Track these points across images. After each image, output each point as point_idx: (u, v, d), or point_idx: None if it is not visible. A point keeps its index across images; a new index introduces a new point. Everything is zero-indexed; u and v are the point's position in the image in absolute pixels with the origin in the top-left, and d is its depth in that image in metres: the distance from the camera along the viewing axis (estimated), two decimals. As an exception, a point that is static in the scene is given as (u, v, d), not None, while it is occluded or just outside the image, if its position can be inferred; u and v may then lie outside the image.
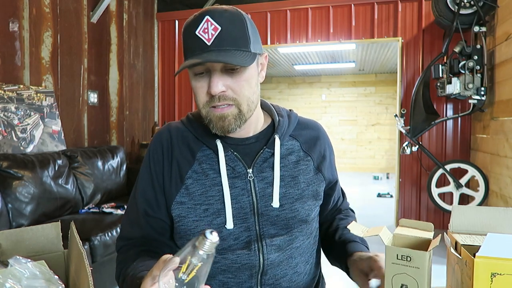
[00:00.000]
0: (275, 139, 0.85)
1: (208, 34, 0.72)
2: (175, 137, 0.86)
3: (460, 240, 0.62)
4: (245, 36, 0.75)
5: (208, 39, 0.72)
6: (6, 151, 2.59)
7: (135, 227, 0.85)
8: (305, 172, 0.87)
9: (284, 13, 4.28)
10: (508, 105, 2.83)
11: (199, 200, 0.80)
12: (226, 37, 0.73)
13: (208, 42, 0.72)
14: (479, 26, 3.18)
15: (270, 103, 0.94)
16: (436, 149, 3.87)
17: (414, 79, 3.87)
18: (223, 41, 0.72)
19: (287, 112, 0.93)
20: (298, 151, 0.88)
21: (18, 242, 0.69)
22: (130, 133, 4.24)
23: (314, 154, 0.90)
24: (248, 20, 0.77)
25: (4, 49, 2.71)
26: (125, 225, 0.88)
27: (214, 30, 0.72)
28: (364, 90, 8.67)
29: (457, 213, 0.68)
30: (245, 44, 0.75)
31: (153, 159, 0.85)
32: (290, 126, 0.89)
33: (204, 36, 0.72)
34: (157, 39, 4.72)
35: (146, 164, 0.87)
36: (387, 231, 0.62)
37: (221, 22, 0.72)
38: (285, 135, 0.87)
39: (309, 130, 0.93)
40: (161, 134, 0.88)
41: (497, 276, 0.52)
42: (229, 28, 0.73)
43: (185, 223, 0.81)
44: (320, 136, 0.93)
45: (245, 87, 0.77)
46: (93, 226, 2.45)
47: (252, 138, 0.86)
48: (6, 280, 0.42)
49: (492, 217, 0.67)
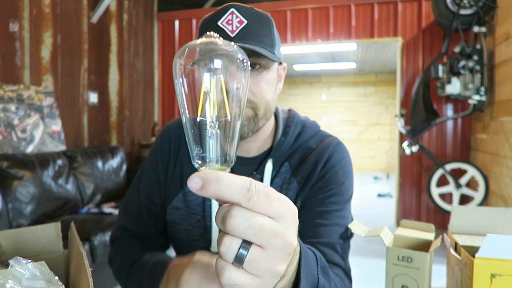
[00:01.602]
0: (266, 164, 0.75)
1: (232, 26, 0.65)
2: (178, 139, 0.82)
3: (460, 241, 0.62)
4: (272, 36, 0.69)
5: (231, 30, 0.65)
6: (6, 151, 2.59)
7: (137, 221, 0.82)
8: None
9: (284, 13, 4.28)
10: (508, 105, 2.83)
11: (195, 210, 0.77)
12: (252, 32, 0.66)
13: (232, 34, 0.65)
14: (479, 26, 3.19)
15: (286, 114, 0.83)
16: (436, 149, 3.87)
17: (414, 79, 3.87)
18: (248, 35, 0.65)
19: (300, 129, 0.81)
20: (286, 173, 0.77)
21: (18, 242, 0.69)
22: (130, 133, 4.24)
23: (299, 176, 0.75)
24: (274, 23, 0.72)
25: (4, 49, 2.71)
26: (124, 215, 0.84)
27: (239, 23, 0.65)
28: (364, 90, 8.67)
29: (456, 214, 0.68)
30: (271, 44, 0.69)
31: (160, 155, 0.81)
32: (291, 147, 0.78)
33: (227, 28, 0.65)
34: (157, 39, 4.72)
35: (152, 158, 0.83)
36: (388, 232, 0.62)
37: (247, 16, 0.66)
38: (282, 158, 0.77)
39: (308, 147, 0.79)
40: (170, 128, 0.83)
41: (496, 277, 0.52)
42: (256, 24, 0.66)
43: (177, 230, 0.79)
44: (322, 157, 0.76)
45: (265, 90, 0.69)
46: (93, 226, 2.45)
47: (251, 159, 0.78)
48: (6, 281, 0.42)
49: (492, 217, 0.67)
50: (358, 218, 1.01)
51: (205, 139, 0.34)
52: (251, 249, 0.31)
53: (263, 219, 0.31)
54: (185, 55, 0.33)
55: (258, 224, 0.31)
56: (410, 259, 0.55)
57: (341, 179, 0.75)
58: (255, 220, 0.31)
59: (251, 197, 0.31)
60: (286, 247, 0.33)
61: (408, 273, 0.56)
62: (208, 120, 0.34)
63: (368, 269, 2.85)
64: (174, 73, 0.34)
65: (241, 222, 0.30)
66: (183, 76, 0.34)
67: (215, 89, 0.34)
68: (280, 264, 0.33)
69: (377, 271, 2.77)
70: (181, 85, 0.34)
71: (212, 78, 0.33)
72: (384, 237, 0.59)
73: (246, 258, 0.31)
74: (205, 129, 0.34)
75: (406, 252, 0.56)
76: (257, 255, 0.31)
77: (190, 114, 0.35)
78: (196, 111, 0.34)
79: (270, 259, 0.32)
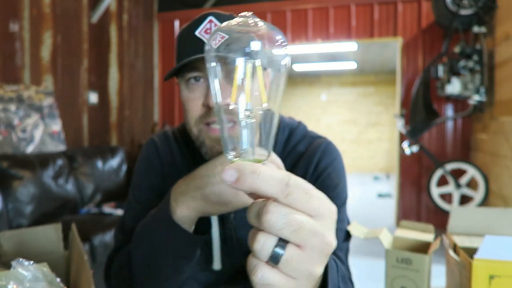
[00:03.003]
0: None
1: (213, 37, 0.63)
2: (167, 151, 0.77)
3: (459, 242, 0.62)
4: None
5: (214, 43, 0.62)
6: (6, 151, 2.59)
7: None
8: None
9: (284, 13, 4.28)
10: (508, 105, 2.83)
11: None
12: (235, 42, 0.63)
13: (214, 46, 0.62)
14: (479, 26, 3.19)
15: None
16: (436, 149, 3.88)
17: (414, 79, 3.87)
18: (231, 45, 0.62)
19: (287, 134, 0.77)
20: None
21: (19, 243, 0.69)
22: (130, 133, 4.24)
23: None
24: None
25: (4, 49, 2.71)
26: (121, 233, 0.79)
27: None
28: (364, 90, 8.67)
29: (455, 215, 0.68)
30: None
31: (152, 167, 0.78)
32: (280, 156, 0.74)
33: (205, 37, 0.62)
34: (157, 39, 4.72)
35: (142, 172, 0.79)
36: (387, 234, 0.62)
37: None
38: None
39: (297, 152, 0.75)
40: (155, 140, 0.80)
41: (495, 278, 0.52)
42: None
43: None
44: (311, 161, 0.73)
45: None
46: (93, 226, 2.45)
47: None
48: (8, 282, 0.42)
49: (490, 218, 0.67)
50: (358, 218, 1.01)
51: (239, 128, 0.31)
52: (288, 248, 0.29)
53: (301, 216, 0.29)
54: (218, 38, 0.31)
55: (296, 221, 0.29)
56: (409, 261, 0.56)
57: (335, 181, 0.73)
58: (294, 217, 0.29)
59: (290, 193, 0.29)
60: (325, 248, 0.30)
61: (408, 275, 0.56)
62: (243, 108, 0.31)
63: (367, 270, 2.85)
64: (206, 57, 0.32)
65: (279, 218, 0.28)
66: (216, 60, 0.31)
67: (251, 75, 0.31)
68: (317, 266, 0.31)
69: (376, 272, 2.77)
70: (213, 69, 0.32)
71: (247, 63, 0.30)
72: (383, 239, 0.59)
73: (283, 257, 0.29)
74: (239, 117, 0.31)
75: (405, 254, 0.56)
76: (294, 255, 0.29)
77: (223, 102, 0.32)
78: (230, 98, 0.31)
79: (307, 260, 0.30)
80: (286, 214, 0.29)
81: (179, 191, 0.60)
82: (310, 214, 0.30)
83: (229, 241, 0.73)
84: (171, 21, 4.67)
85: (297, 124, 0.80)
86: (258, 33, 0.30)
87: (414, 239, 0.63)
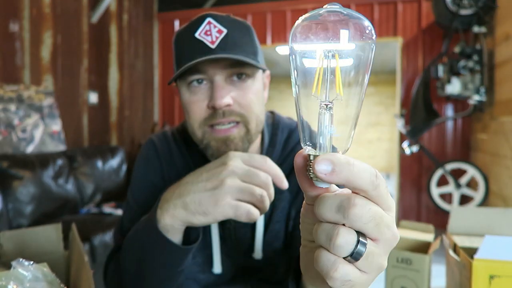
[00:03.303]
0: None
1: (211, 37, 0.62)
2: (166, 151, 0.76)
3: (459, 242, 0.62)
4: (253, 44, 0.67)
5: (211, 41, 0.61)
6: (6, 151, 2.59)
7: None
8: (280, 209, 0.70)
9: (284, 13, 4.28)
10: (508, 105, 2.83)
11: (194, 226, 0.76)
12: (233, 41, 0.62)
13: (212, 45, 0.61)
14: (479, 26, 3.19)
15: (270, 120, 0.78)
16: (436, 149, 3.88)
17: (414, 79, 3.87)
18: (229, 45, 0.62)
19: (287, 134, 0.76)
20: None
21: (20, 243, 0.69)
22: (130, 133, 4.24)
23: (291, 185, 0.64)
24: (253, 30, 0.69)
25: (4, 49, 2.71)
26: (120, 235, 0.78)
27: (218, 32, 0.62)
28: (364, 90, 8.68)
29: (455, 215, 0.69)
30: (254, 52, 0.66)
31: (152, 167, 0.76)
32: (280, 157, 0.73)
33: (206, 39, 0.62)
34: (157, 39, 4.72)
35: (142, 172, 0.77)
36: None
37: (226, 25, 0.63)
38: None
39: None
40: (154, 140, 0.79)
41: (495, 278, 0.52)
42: (235, 33, 0.63)
43: None
44: None
45: (254, 101, 0.65)
46: (93, 226, 2.45)
47: None
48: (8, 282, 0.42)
49: (490, 218, 0.67)
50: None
51: (318, 120, 0.30)
52: (368, 244, 0.29)
53: (381, 210, 0.29)
54: (304, 25, 0.30)
55: (379, 215, 0.29)
56: (409, 261, 0.56)
57: None
58: (377, 210, 0.29)
59: (378, 186, 0.29)
60: (394, 241, 0.30)
61: (408, 275, 0.56)
62: (324, 98, 0.29)
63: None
64: (289, 44, 0.30)
65: (365, 211, 0.28)
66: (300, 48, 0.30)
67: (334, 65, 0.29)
68: (386, 258, 0.31)
69: (377, 271, 2.77)
70: (295, 58, 0.30)
71: (331, 52, 0.29)
72: (383, 238, 0.59)
73: (364, 253, 0.29)
74: (320, 108, 0.30)
75: (405, 254, 0.56)
76: (373, 250, 0.29)
77: (304, 91, 0.31)
78: (311, 88, 0.30)
79: (381, 254, 0.30)
80: (371, 207, 0.29)
81: (165, 198, 0.58)
82: (384, 207, 0.30)
83: (228, 242, 0.73)
84: (171, 21, 4.67)
85: (296, 125, 0.79)
86: (342, 22, 0.29)
87: (414, 239, 0.63)
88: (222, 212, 0.52)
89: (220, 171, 0.54)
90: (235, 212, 0.52)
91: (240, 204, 0.52)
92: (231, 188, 0.52)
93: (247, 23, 0.69)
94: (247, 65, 0.64)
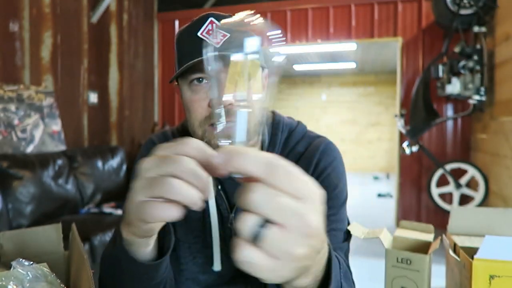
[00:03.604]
0: None
1: (214, 36, 0.61)
2: None
3: (459, 242, 0.62)
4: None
5: (216, 42, 0.60)
6: (6, 151, 2.59)
7: None
8: None
9: (284, 13, 4.28)
10: (508, 105, 2.83)
11: (194, 225, 0.74)
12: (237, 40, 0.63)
13: (217, 45, 0.63)
14: (479, 26, 3.19)
15: (270, 120, 0.78)
16: (436, 149, 3.88)
17: (414, 79, 3.87)
18: (233, 44, 0.62)
19: (287, 134, 0.77)
20: None
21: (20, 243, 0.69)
22: (130, 133, 4.24)
23: None
24: None
25: (4, 49, 2.71)
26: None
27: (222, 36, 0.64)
28: (364, 90, 8.68)
29: (455, 215, 0.69)
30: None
31: None
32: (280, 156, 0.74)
33: (209, 38, 0.62)
34: (157, 39, 4.72)
35: None
36: (387, 234, 0.62)
37: None
38: None
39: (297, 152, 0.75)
40: (154, 140, 0.79)
41: (495, 278, 0.52)
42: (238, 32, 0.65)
43: (180, 249, 0.74)
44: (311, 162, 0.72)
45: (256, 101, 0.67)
46: (93, 226, 2.45)
47: None
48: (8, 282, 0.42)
49: (490, 218, 0.67)
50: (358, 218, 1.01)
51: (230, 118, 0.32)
52: (268, 227, 0.30)
53: (284, 197, 0.30)
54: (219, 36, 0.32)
55: (277, 200, 0.30)
56: (409, 261, 0.56)
57: (335, 182, 0.72)
58: (276, 196, 0.30)
59: (274, 173, 0.30)
60: (306, 230, 0.31)
61: (408, 275, 0.56)
62: (233, 99, 0.32)
63: (367, 270, 2.85)
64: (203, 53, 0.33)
65: (261, 197, 0.29)
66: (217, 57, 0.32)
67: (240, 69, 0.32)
68: (299, 247, 0.31)
69: (376, 272, 2.77)
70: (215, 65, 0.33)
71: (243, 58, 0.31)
72: (383, 239, 0.59)
73: (263, 235, 0.30)
74: (230, 108, 0.32)
75: (405, 254, 0.56)
76: (275, 234, 0.30)
77: (217, 94, 0.33)
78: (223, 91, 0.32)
79: (288, 240, 0.30)
80: (269, 193, 0.30)
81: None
82: (293, 196, 0.30)
83: (228, 242, 0.73)
84: (171, 21, 4.67)
85: (296, 124, 0.80)
86: (255, 30, 0.31)
87: (414, 239, 0.63)
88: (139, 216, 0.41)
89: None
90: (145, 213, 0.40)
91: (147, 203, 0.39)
92: (137, 187, 0.41)
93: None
94: None
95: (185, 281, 0.75)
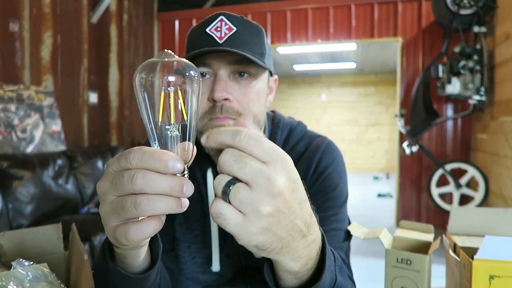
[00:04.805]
0: None
1: (220, 33, 0.64)
2: None
3: (459, 242, 0.62)
4: (262, 45, 0.68)
5: (220, 37, 0.64)
6: (6, 151, 2.59)
7: None
8: None
9: (284, 13, 4.28)
10: (508, 105, 2.83)
11: (194, 225, 0.74)
12: (241, 39, 0.64)
13: (220, 40, 0.64)
14: (479, 26, 3.19)
15: (270, 119, 0.79)
16: (436, 149, 3.88)
17: (414, 79, 3.87)
18: (236, 42, 0.64)
19: (287, 133, 0.77)
20: None
21: (20, 243, 0.69)
22: (130, 133, 4.24)
23: None
24: (265, 34, 0.71)
25: (4, 49, 2.71)
26: None
27: (228, 30, 0.64)
28: (364, 90, 8.67)
29: (455, 215, 0.68)
30: (261, 53, 0.67)
31: None
32: None
33: (215, 34, 0.64)
34: (157, 39, 4.72)
35: None
36: (387, 234, 0.62)
37: (236, 24, 0.65)
38: None
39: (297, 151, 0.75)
40: None
41: (495, 278, 0.52)
42: (245, 32, 0.65)
43: (180, 249, 0.75)
44: (312, 161, 0.73)
45: (254, 101, 0.67)
46: (93, 226, 2.45)
47: None
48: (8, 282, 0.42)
49: (491, 218, 0.67)
50: (358, 218, 1.01)
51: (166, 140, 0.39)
52: (236, 184, 0.34)
53: (250, 158, 0.34)
54: (145, 71, 0.37)
55: (244, 160, 0.34)
56: (409, 261, 0.56)
57: (335, 181, 0.72)
58: (242, 156, 0.34)
59: (241, 139, 0.34)
60: (271, 189, 0.34)
61: (408, 275, 0.56)
62: (167, 124, 0.38)
63: (367, 270, 2.85)
64: (134, 87, 0.38)
65: (229, 157, 0.34)
66: (144, 88, 0.37)
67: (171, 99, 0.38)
68: (264, 205, 0.34)
69: (376, 271, 2.77)
70: (142, 96, 0.38)
71: (167, 90, 0.37)
72: (383, 239, 0.59)
73: (231, 191, 0.34)
74: (165, 131, 0.38)
75: (405, 255, 0.56)
76: (242, 190, 0.34)
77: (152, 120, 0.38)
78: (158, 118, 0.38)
79: (254, 197, 0.34)
80: (236, 154, 0.34)
81: None
82: (260, 158, 0.34)
83: (228, 242, 0.73)
84: (171, 21, 4.67)
85: (296, 124, 0.80)
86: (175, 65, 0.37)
87: (414, 239, 0.63)
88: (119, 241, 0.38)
89: None
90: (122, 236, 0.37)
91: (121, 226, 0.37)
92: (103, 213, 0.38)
93: (259, 26, 0.70)
94: (252, 64, 0.65)
95: (185, 281, 0.75)
